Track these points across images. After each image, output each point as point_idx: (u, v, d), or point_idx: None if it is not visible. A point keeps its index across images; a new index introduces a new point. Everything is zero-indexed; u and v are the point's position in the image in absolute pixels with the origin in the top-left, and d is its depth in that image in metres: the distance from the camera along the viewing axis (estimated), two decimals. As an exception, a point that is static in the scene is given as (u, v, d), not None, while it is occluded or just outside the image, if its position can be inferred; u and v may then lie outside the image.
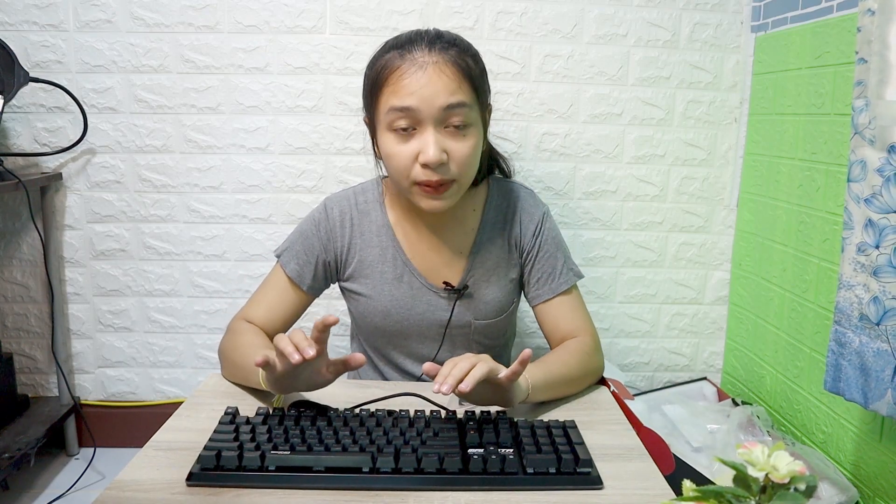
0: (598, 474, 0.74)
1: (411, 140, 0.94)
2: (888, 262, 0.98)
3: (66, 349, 1.73)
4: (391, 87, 0.93)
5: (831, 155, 1.34)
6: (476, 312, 1.07)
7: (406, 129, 0.93)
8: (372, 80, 0.97)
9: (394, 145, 0.95)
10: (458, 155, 0.94)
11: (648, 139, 1.70)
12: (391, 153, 0.95)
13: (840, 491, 1.22)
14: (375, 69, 0.96)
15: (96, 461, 1.68)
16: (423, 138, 0.93)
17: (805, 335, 1.42)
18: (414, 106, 0.91)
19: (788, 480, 0.44)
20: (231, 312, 1.73)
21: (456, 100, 0.92)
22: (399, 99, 0.92)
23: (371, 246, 1.07)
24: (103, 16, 1.58)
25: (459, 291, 1.06)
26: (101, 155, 1.65)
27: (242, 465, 0.71)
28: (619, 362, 1.82)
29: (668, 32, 1.65)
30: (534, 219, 1.09)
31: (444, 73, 0.92)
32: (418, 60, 0.92)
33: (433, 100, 0.91)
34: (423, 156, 0.92)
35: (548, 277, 1.08)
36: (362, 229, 1.07)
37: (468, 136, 0.95)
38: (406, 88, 0.91)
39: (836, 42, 1.32)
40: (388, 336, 1.09)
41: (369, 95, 0.98)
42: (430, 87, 0.91)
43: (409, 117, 0.92)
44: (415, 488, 0.71)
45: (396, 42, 0.97)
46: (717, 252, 1.77)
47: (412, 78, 0.91)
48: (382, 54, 0.97)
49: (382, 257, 1.06)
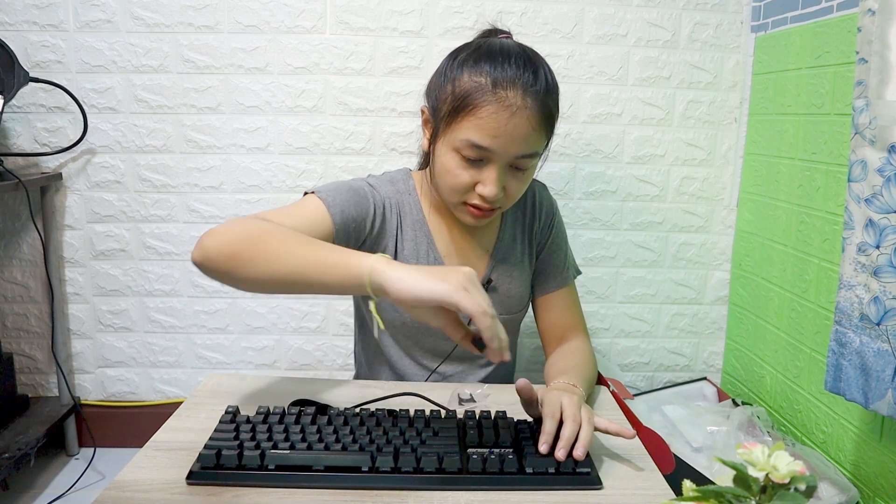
0: (598, 474, 0.73)
1: (474, 168, 0.93)
2: (889, 262, 0.98)
3: (66, 349, 1.73)
4: (475, 121, 0.90)
5: (831, 155, 1.34)
6: (500, 307, 1.08)
7: (473, 160, 0.93)
8: (456, 98, 0.92)
9: (455, 167, 0.94)
10: (512, 191, 0.96)
11: (648, 139, 1.70)
12: (451, 171, 0.94)
13: (840, 491, 1.22)
14: (461, 89, 0.91)
15: (96, 461, 1.68)
16: (488, 172, 0.93)
17: (805, 335, 1.42)
18: (492, 148, 0.90)
19: (788, 480, 0.44)
20: (231, 312, 1.74)
21: (531, 150, 0.93)
22: (479, 137, 0.90)
23: (407, 239, 1.04)
24: (103, 16, 1.58)
25: (485, 286, 1.06)
26: (101, 155, 1.65)
27: (242, 463, 0.71)
28: (619, 362, 1.82)
29: (668, 32, 1.65)
30: (549, 212, 1.12)
31: (530, 122, 0.90)
32: (510, 102, 0.89)
33: (511, 147, 0.91)
34: (482, 189, 0.93)
35: (554, 270, 1.11)
36: (402, 220, 1.05)
37: (527, 174, 0.97)
38: (490, 130, 0.89)
39: (836, 42, 1.32)
40: (413, 331, 1.07)
41: (448, 112, 0.93)
42: (514, 134, 0.90)
43: (481, 153, 0.92)
44: (414, 488, 0.71)
45: (491, 61, 0.91)
46: (717, 252, 1.77)
47: (500, 122, 0.89)
48: (472, 72, 0.91)
49: (416, 251, 1.05)
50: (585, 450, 0.73)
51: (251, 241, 0.78)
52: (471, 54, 0.93)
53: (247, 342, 1.75)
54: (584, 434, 0.74)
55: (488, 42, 0.95)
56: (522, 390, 0.79)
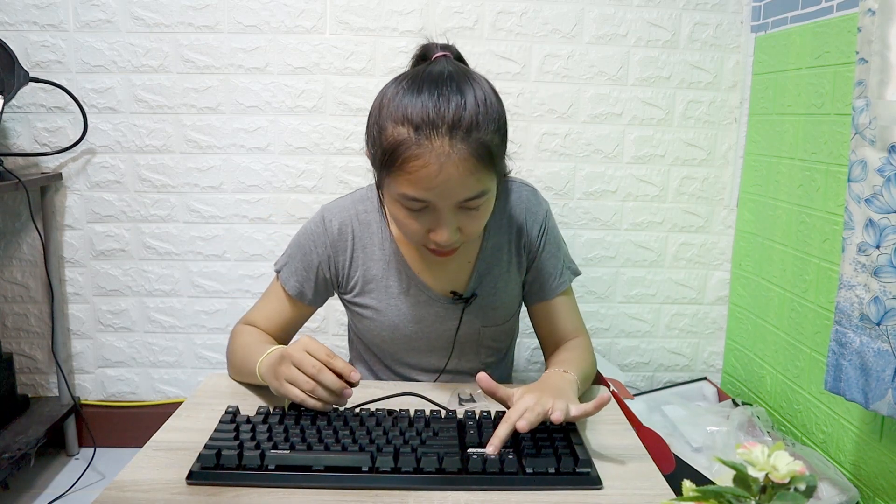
0: (598, 474, 0.73)
1: (423, 215, 0.87)
2: (889, 262, 0.98)
3: (66, 349, 1.73)
4: (405, 176, 0.82)
5: (831, 155, 1.34)
6: (485, 319, 1.05)
7: (419, 210, 0.87)
8: (384, 153, 0.84)
9: (404, 217, 0.88)
10: (470, 229, 0.90)
11: (648, 139, 1.70)
12: (400, 221, 0.89)
13: (840, 491, 1.22)
14: (387, 143, 0.83)
15: (96, 461, 1.68)
16: (436, 218, 0.86)
17: (805, 335, 1.42)
18: (431, 200, 0.84)
19: (788, 480, 0.44)
20: (231, 312, 1.74)
21: (475, 192, 0.84)
22: (414, 191, 0.83)
23: (374, 259, 1.02)
24: (103, 16, 1.58)
25: (467, 300, 1.02)
26: (101, 155, 1.65)
27: (242, 463, 0.71)
28: (619, 362, 1.82)
29: (668, 32, 1.65)
30: (538, 219, 1.06)
31: (464, 167, 0.81)
32: (436, 151, 0.80)
33: (450, 196, 0.84)
34: (435, 236, 0.87)
35: (548, 277, 1.06)
36: (364, 242, 1.02)
37: (482, 209, 0.89)
38: (423, 183, 0.82)
39: (836, 42, 1.32)
40: (395, 349, 1.07)
41: (379, 165, 0.87)
42: (448, 184, 0.82)
43: (422, 204, 0.85)
44: (414, 488, 0.71)
45: (413, 108, 0.82)
46: (717, 252, 1.77)
47: (430, 173, 0.81)
48: (397, 122, 0.83)
49: (387, 271, 1.02)
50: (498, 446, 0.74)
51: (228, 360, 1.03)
52: (394, 95, 0.85)
53: (247, 342, 1.75)
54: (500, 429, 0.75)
55: (414, 74, 0.87)
56: (482, 382, 0.81)
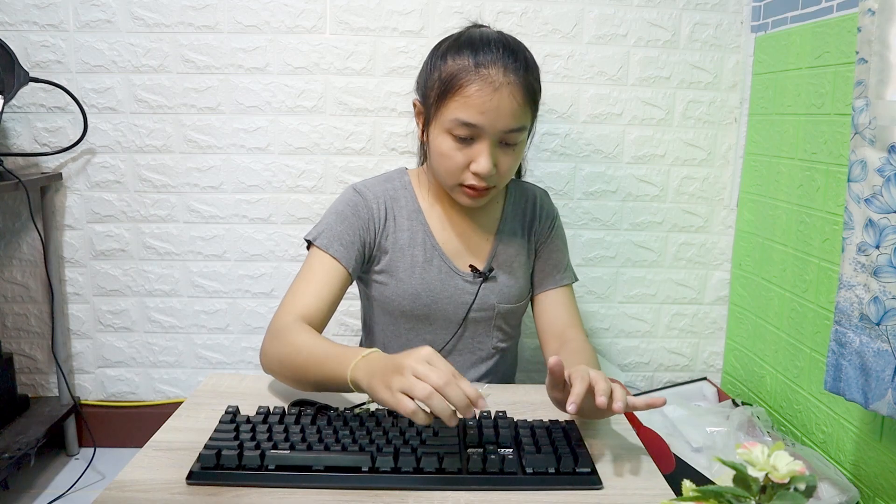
0: (598, 474, 0.73)
1: (467, 147, 0.98)
2: (888, 262, 0.98)
3: (66, 349, 1.73)
4: (461, 100, 0.95)
5: (831, 155, 1.34)
6: (500, 296, 1.12)
7: (465, 139, 0.98)
8: (442, 82, 0.98)
9: (450, 148, 0.99)
10: (504, 167, 1.01)
11: (648, 139, 1.70)
12: (445, 154, 1.00)
13: (840, 491, 1.22)
14: (447, 72, 0.97)
15: (96, 461, 1.68)
16: (479, 149, 0.98)
17: (805, 335, 1.42)
18: (480, 124, 0.96)
19: (788, 480, 0.44)
20: (231, 312, 1.74)
21: (518, 125, 0.98)
22: (467, 115, 0.95)
23: (402, 230, 1.10)
24: (103, 16, 1.58)
25: (485, 274, 1.10)
26: (101, 155, 1.65)
27: (242, 464, 0.71)
28: (619, 362, 1.82)
29: (668, 32, 1.65)
30: (550, 216, 1.18)
31: (514, 97, 0.96)
32: (492, 79, 0.94)
33: (499, 122, 0.96)
34: (476, 166, 0.98)
35: (554, 269, 1.16)
36: (395, 213, 1.10)
37: (517, 150, 1.02)
38: (477, 107, 0.95)
39: (836, 42, 1.32)
40: (413, 321, 1.11)
41: (436, 96, 0.99)
42: (500, 110, 0.95)
43: (471, 130, 0.97)
44: (414, 488, 0.71)
45: (471, 46, 0.97)
46: (717, 252, 1.77)
47: (484, 97, 0.94)
48: (455, 56, 0.97)
49: (412, 241, 1.09)
50: (623, 403, 0.74)
51: (282, 366, 0.92)
52: (453, 43, 1.00)
53: (247, 342, 1.75)
54: (618, 390, 0.76)
55: (468, 32, 1.02)
56: (555, 368, 0.78)
